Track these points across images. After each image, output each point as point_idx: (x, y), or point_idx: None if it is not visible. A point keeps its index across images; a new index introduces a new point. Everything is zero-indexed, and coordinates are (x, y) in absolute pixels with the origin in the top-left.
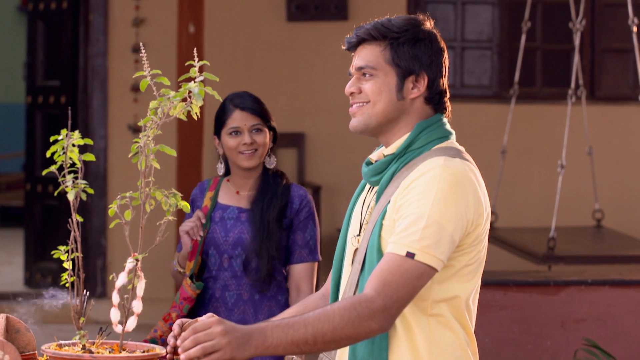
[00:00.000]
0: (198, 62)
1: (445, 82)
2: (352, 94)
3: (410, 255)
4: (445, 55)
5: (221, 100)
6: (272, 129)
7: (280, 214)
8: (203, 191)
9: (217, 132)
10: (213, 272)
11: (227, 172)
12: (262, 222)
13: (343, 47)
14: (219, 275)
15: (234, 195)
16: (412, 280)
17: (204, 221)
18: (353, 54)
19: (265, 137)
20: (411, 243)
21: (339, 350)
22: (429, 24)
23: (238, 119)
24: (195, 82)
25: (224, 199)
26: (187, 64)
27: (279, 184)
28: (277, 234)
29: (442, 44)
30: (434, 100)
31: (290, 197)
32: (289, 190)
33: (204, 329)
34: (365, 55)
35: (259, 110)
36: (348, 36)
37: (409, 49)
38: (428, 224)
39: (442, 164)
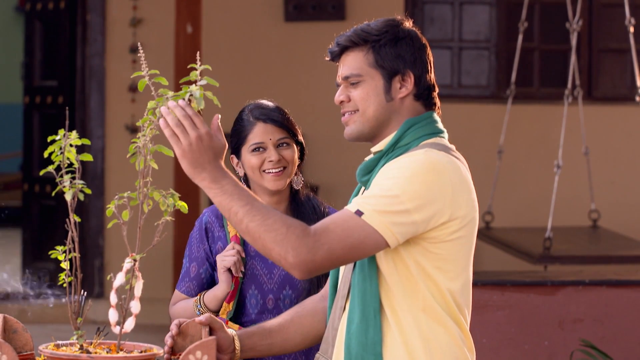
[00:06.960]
0: (200, 65)
1: (432, 77)
2: (341, 102)
3: (359, 213)
4: (429, 51)
5: (219, 106)
6: (299, 143)
7: None
8: (220, 217)
9: (236, 150)
10: (253, 315)
11: None
12: None
13: (327, 58)
14: (261, 319)
15: None
16: (352, 239)
17: (243, 255)
18: (338, 63)
19: (294, 153)
20: (364, 205)
21: (335, 350)
22: (408, 24)
23: (261, 133)
24: (197, 85)
25: None
26: (189, 66)
27: (316, 209)
28: None
29: (424, 41)
30: (423, 96)
31: None
32: None
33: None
34: (350, 63)
35: (285, 122)
36: (330, 46)
37: (391, 49)
38: (386, 195)
39: (423, 152)
